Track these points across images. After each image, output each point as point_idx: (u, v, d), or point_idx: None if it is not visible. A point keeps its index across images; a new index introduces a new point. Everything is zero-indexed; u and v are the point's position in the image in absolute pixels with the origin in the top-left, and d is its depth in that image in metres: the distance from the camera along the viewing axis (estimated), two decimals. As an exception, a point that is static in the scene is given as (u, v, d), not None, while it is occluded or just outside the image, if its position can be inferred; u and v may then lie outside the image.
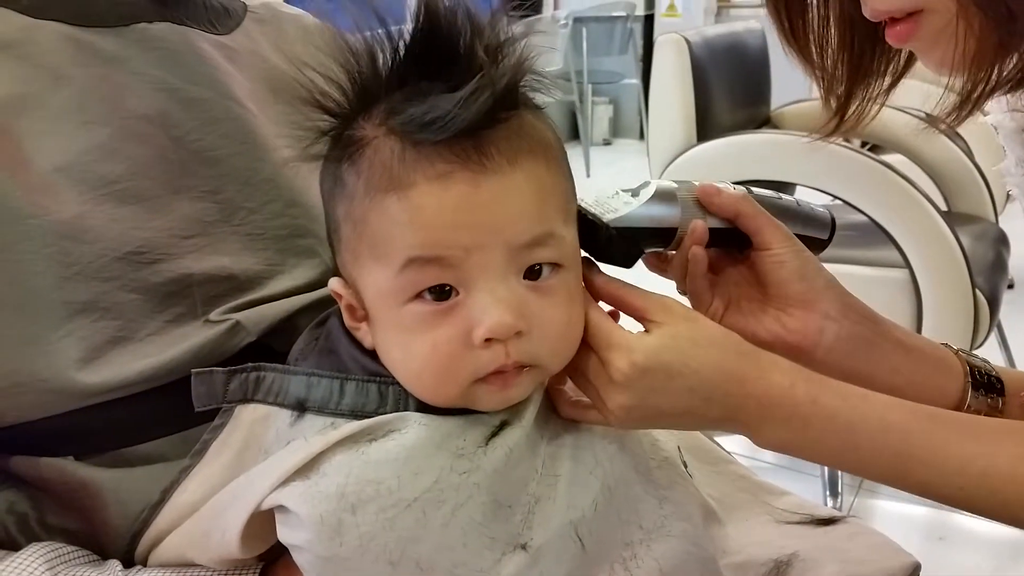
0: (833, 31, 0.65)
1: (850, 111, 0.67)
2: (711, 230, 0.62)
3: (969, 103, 0.57)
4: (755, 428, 0.55)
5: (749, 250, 0.65)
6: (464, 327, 0.50)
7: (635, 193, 0.61)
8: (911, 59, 0.64)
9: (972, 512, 0.54)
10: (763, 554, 0.63)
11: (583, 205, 0.60)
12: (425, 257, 0.50)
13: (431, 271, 0.50)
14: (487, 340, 0.50)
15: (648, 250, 0.65)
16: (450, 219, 0.49)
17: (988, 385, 0.66)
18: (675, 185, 0.63)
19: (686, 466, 0.63)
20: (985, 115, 0.72)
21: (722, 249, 0.66)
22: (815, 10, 0.64)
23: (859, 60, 0.65)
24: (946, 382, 0.66)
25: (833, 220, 0.71)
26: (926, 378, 0.66)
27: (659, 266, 0.67)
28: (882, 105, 0.67)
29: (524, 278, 0.52)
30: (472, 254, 0.49)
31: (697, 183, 0.63)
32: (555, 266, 0.53)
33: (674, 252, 0.64)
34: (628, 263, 0.63)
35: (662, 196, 0.62)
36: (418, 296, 0.51)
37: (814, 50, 0.66)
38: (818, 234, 0.70)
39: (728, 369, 0.54)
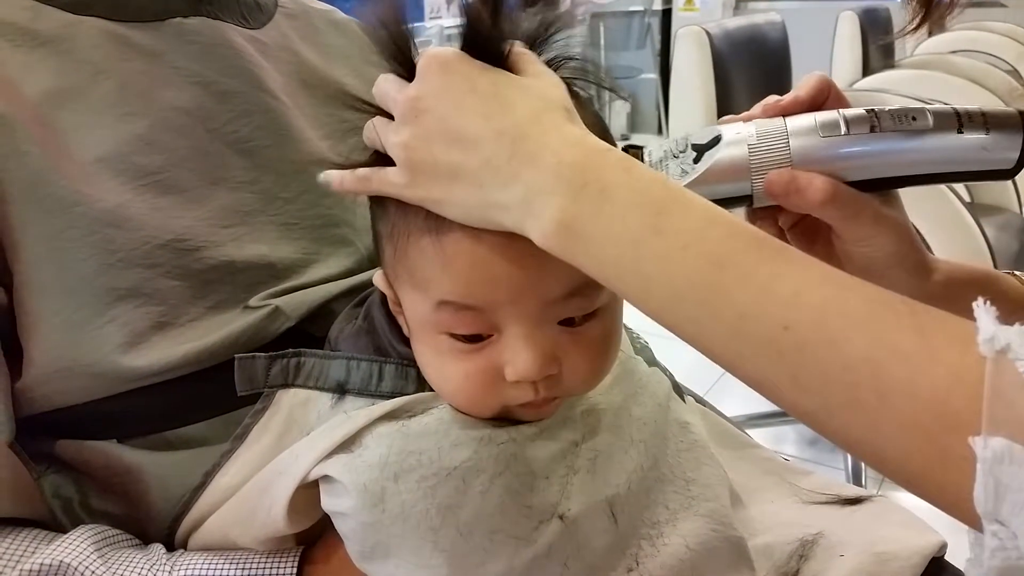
0: None
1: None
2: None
3: None
4: (535, 194, 0.43)
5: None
6: (496, 363, 0.50)
7: (699, 156, 0.55)
8: None
9: (782, 378, 0.37)
10: (789, 533, 0.64)
11: (646, 159, 0.57)
12: (458, 303, 0.49)
13: (464, 316, 0.49)
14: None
15: None
16: (484, 273, 0.48)
17: None
18: (747, 152, 0.53)
19: None
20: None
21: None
22: None
23: None
24: None
25: None
26: None
27: None
28: None
29: (559, 323, 0.51)
30: (505, 306, 0.49)
31: (787, 157, 0.52)
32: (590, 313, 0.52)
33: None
34: None
35: (724, 173, 0.53)
36: (451, 334, 0.51)
37: None
38: (999, 164, 0.50)
39: (537, 110, 0.45)
